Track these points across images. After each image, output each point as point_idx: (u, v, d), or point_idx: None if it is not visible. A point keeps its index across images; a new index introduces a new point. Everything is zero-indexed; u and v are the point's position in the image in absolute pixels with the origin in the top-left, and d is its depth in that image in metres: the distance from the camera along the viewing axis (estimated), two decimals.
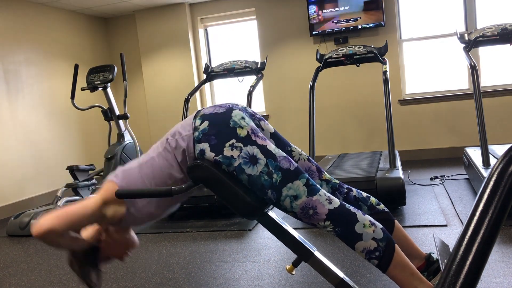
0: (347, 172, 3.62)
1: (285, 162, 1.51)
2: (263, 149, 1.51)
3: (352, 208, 1.51)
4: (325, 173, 1.76)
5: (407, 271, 1.47)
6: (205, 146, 1.50)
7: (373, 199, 1.71)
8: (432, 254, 1.67)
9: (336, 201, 1.51)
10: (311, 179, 1.53)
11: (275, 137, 1.73)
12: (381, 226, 1.51)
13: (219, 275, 2.48)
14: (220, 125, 1.52)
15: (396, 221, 1.70)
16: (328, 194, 1.53)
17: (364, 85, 5.55)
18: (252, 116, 1.68)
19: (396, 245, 1.50)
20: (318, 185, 1.56)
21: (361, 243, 1.46)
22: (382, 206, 1.71)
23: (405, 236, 1.68)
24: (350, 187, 1.74)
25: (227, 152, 1.49)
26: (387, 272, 1.47)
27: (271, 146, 1.53)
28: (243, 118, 1.55)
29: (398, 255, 1.48)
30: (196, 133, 1.53)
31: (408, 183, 4.13)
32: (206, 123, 1.53)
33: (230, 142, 1.50)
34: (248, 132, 1.52)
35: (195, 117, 1.57)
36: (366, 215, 1.52)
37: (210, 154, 1.50)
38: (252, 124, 1.57)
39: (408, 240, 1.68)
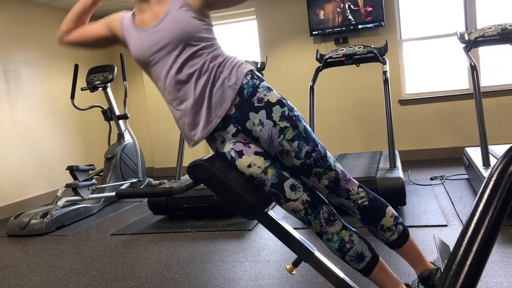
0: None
1: None
2: None
3: None
4: None
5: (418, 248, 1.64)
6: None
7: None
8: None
9: None
10: None
11: None
12: None
13: (219, 275, 2.48)
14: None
15: None
16: None
17: (364, 85, 5.55)
18: None
19: None
20: None
21: (390, 208, 1.60)
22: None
23: None
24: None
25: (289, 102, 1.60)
26: (408, 241, 1.57)
27: None
28: None
29: None
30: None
31: (408, 183, 4.13)
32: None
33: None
34: None
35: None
36: None
37: (274, 93, 1.56)
38: None
39: None
